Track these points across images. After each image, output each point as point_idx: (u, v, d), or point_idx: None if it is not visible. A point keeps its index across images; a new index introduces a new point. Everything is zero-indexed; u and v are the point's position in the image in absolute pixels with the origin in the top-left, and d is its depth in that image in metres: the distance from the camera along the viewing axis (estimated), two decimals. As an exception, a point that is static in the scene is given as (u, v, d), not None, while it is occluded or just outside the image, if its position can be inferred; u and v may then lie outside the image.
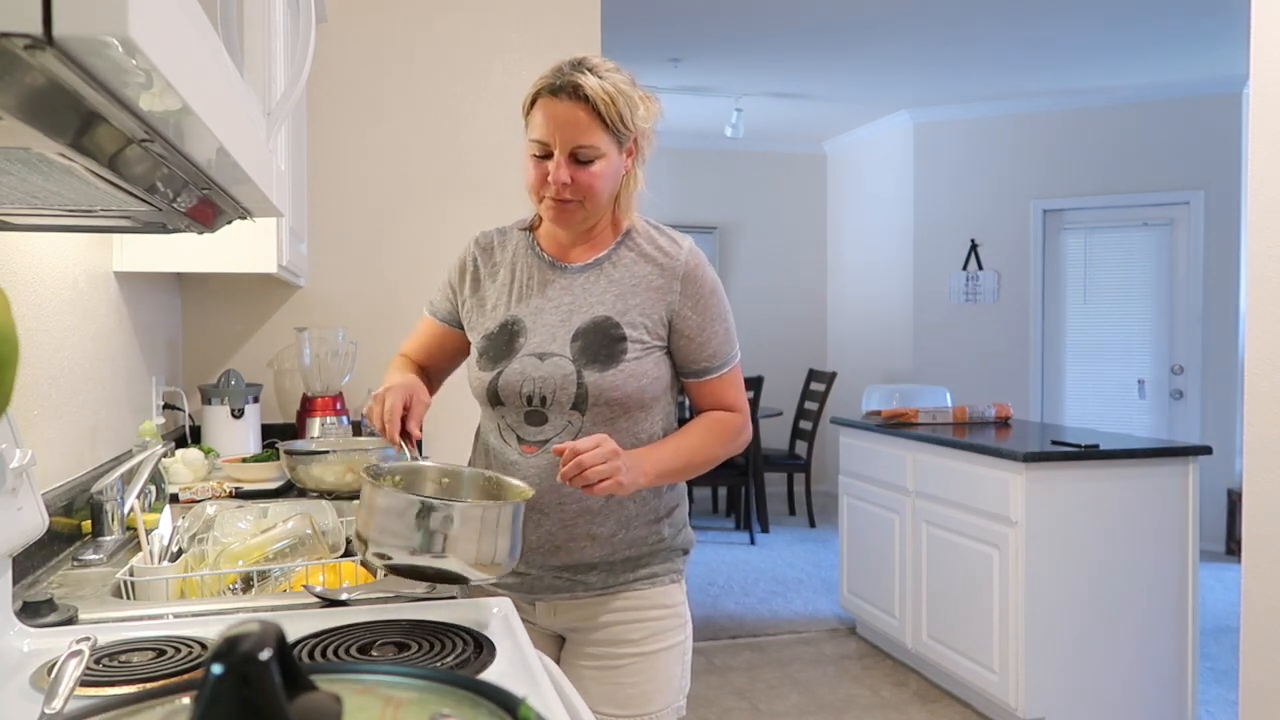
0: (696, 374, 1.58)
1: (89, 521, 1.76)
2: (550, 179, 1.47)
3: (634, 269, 1.55)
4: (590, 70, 1.47)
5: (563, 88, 1.46)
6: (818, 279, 7.82)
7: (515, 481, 1.41)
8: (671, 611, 1.59)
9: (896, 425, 3.93)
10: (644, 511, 1.56)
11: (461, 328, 1.67)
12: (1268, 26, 2.22)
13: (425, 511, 1.20)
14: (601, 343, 1.50)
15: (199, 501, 2.08)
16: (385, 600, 1.38)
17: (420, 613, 1.31)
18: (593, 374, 1.49)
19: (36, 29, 0.43)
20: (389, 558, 1.22)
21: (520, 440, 1.54)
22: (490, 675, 1.11)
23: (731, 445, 1.60)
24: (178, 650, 1.15)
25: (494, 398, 1.55)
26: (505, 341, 1.56)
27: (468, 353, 1.65)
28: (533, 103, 1.50)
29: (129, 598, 1.49)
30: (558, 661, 1.59)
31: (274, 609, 1.34)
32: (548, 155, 1.48)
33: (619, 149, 1.51)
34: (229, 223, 1.21)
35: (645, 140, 1.55)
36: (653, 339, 1.54)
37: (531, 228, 1.64)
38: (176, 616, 1.33)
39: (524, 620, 1.50)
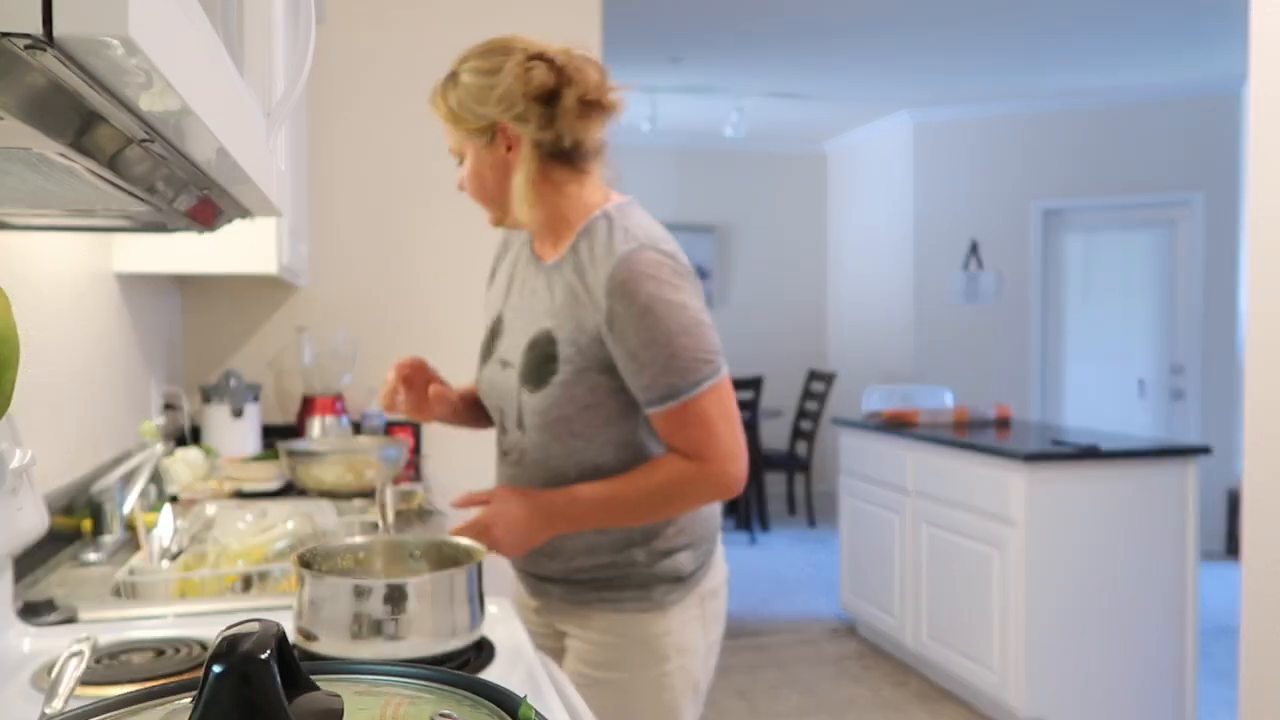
0: (644, 405, 1.37)
1: (89, 521, 1.76)
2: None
3: (577, 278, 1.39)
4: (449, 74, 1.43)
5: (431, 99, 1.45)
6: (818, 279, 7.81)
7: (466, 542, 1.26)
8: (636, 642, 1.41)
9: (897, 425, 3.93)
10: (612, 535, 1.42)
11: None
12: (1268, 26, 2.21)
13: (364, 594, 1.07)
14: (539, 360, 1.40)
15: (199, 501, 2.08)
16: (385, 600, 1.37)
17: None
18: (526, 394, 1.41)
19: (36, 29, 0.43)
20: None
21: (499, 445, 1.54)
22: (490, 675, 1.11)
23: (682, 501, 1.38)
24: (178, 650, 1.15)
25: (482, 398, 1.57)
26: (488, 341, 1.53)
27: None
28: None
29: (129, 598, 1.49)
30: (562, 657, 1.54)
31: (274, 609, 1.34)
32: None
33: (486, 142, 1.39)
34: (229, 223, 1.21)
35: (524, 121, 1.36)
36: (585, 360, 1.37)
37: None
38: (176, 616, 1.33)
39: (533, 613, 1.55)
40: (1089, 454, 3.20)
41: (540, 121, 1.36)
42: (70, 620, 1.28)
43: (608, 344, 1.35)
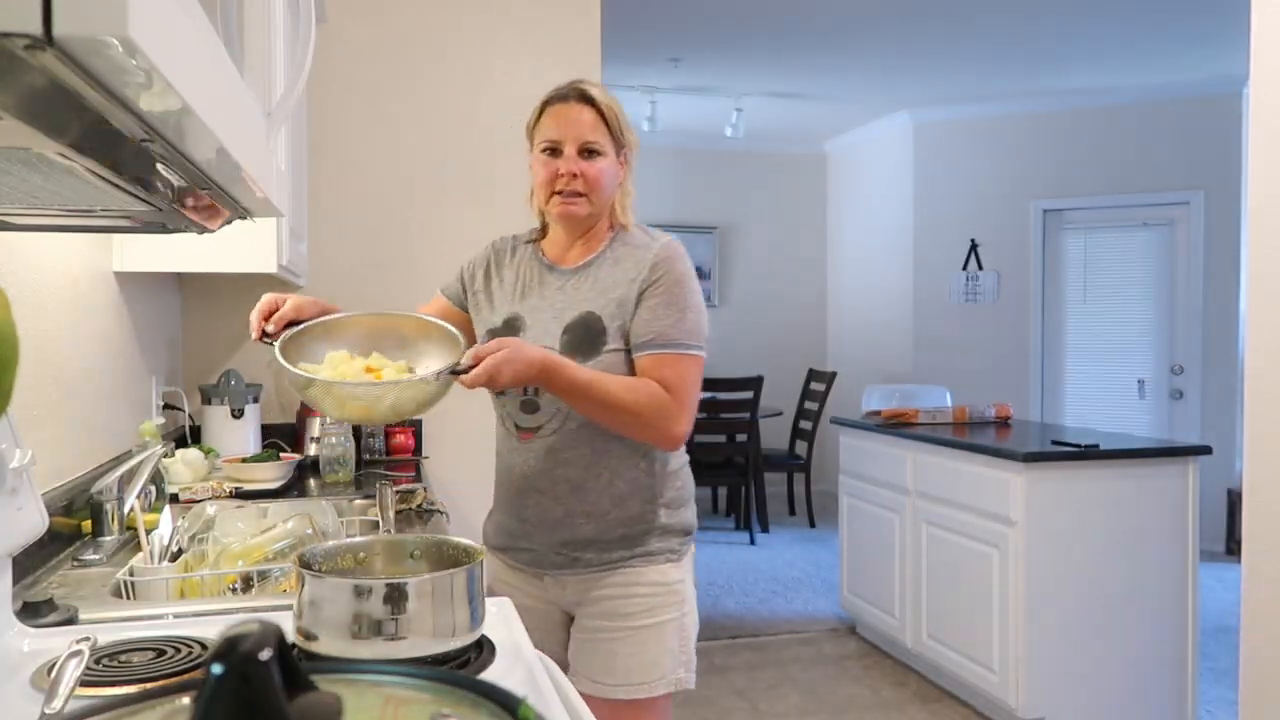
0: (637, 349, 1.61)
1: (89, 521, 1.76)
2: (561, 170, 1.62)
3: (616, 268, 1.66)
4: (601, 89, 1.68)
5: (570, 94, 1.65)
6: (818, 279, 7.81)
7: (465, 541, 1.27)
8: (665, 589, 1.65)
9: (896, 425, 3.93)
10: (636, 490, 1.64)
11: (464, 309, 1.83)
12: (1268, 26, 2.22)
13: (366, 593, 1.07)
14: (585, 336, 1.62)
15: (199, 501, 2.08)
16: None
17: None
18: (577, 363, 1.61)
19: (36, 29, 0.43)
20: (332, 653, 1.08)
21: (518, 427, 1.68)
22: (490, 675, 1.11)
23: (647, 411, 1.56)
24: (178, 650, 1.15)
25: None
26: (506, 335, 1.66)
27: (467, 331, 1.76)
28: (540, 114, 1.68)
29: (129, 598, 1.49)
30: (567, 637, 1.71)
31: (274, 609, 1.34)
32: (558, 153, 1.63)
33: (617, 154, 1.68)
34: (229, 223, 1.21)
35: (633, 154, 1.72)
36: (623, 332, 1.63)
37: (537, 240, 1.79)
38: (176, 616, 1.33)
39: (534, 596, 1.71)
40: (1089, 454, 3.20)
41: (632, 160, 1.74)
42: (70, 620, 1.28)
43: (636, 305, 1.61)
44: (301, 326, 1.55)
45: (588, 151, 1.63)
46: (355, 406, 1.42)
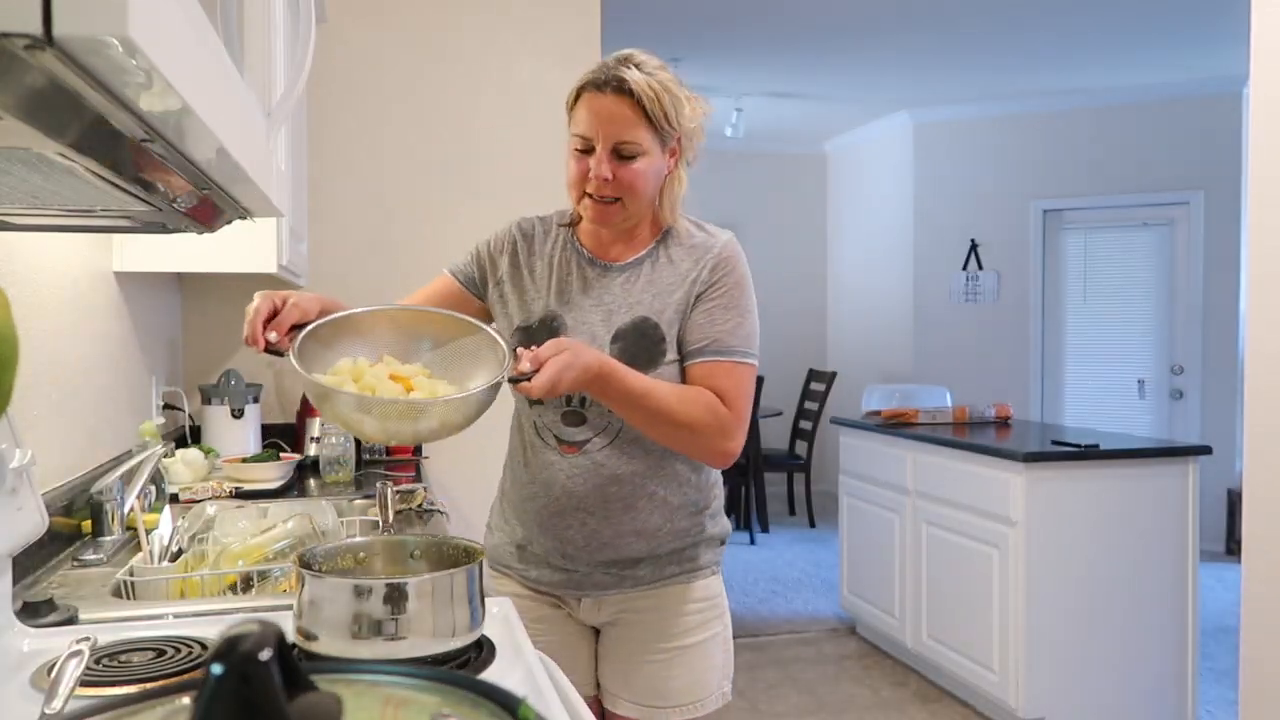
0: (690, 355, 1.49)
1: (89, 521, 1.76)
2: (591, 175, 1.44)
3: (670, 268, 1.53)
4: (637, 66, 1.44)
5: (607, 82, 1.43)
6: (818, 279, 7.81)
7: (466, 541, 1.25)
8: (711, 603, 1.60)
9: (896, 425, 3.93)
10: (685, 504, 1.55)
11: (478, 295, 1.62)
12: (1268, 26, 2.22)
13: (366, 593, 1.07)
14: (642, 344, 1.48)
15: (199, 501, 2.08)
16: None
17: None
18: None
19: (36, 29, 0.43)
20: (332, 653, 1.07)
21: (559, 440, 1.52)
22: (490, 675, 1.11)
23: (702, 425, 1.43)
24: (178, 650, 1.15)
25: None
26: (545, 338, 1.44)
27: (485, 321, 1.55)
28: (576, 98, 1.47)
29: (129, 598, 1.49)
30: (595, 654, 1.62)
31: (274, 609, 1.34)
32: (589, 150, 1.45)
33: (662, 148, 1.49)
34: (229, 223, 1.21)
35: (689, 140, 1.54)
36: (679, 340, 1.51)
37: (572, 223, 1.60)
38: (176, 616, 1.33)
39: (562, 617, 1.61)
40: (1089, 454, 3.20)
41: (692, 146, 1.56)
42: (70, 620, 1.28)
43: (693, 304, 1.50)
44: (312, 326, 1.35)
45: (623, 152, 1.44)
46: (400, 426, 1.23)
